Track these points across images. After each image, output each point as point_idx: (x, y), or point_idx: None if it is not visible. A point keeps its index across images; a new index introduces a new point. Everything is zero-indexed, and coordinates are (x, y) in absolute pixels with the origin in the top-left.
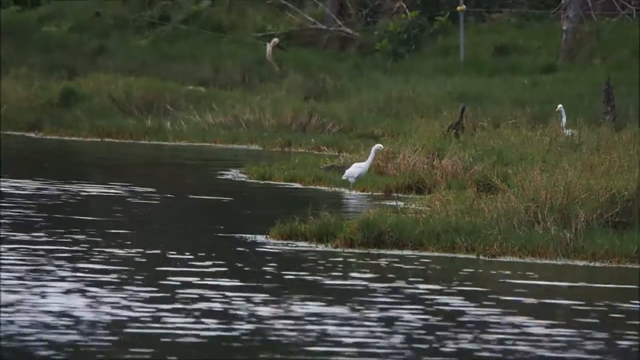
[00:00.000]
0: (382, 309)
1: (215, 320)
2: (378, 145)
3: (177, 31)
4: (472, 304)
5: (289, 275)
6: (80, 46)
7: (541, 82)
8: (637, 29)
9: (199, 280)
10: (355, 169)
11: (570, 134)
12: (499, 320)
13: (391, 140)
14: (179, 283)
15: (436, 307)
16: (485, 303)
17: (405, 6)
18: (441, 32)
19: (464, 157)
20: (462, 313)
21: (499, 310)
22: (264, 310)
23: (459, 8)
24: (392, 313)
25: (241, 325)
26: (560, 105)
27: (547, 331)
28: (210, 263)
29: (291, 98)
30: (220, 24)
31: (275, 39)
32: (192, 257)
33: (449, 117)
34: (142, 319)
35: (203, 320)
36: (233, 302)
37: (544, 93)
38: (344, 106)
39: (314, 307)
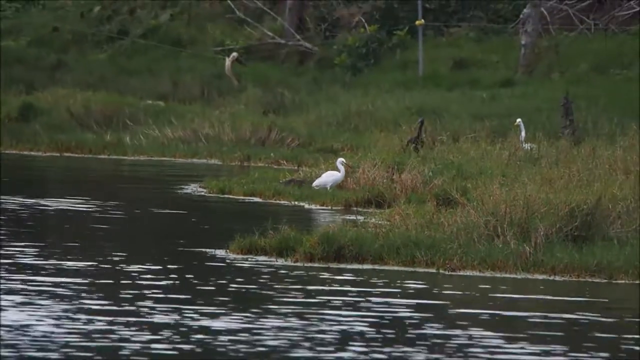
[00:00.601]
0: (338, 323)
1: (166, 333)
2: (341, 159)
3: (135, 46)
4: (429, 317)
5: (246, 288)
6: (39, 61)
7: (500, 96)
8: (595, 43)
9: (154, 294)
10: (329, 178)
11: (529, 148)
12: (456, 333)
13: (350, 155)
14: (132, 296)
15: (393, 319)
16: (442, 316)
17: (364, 20)
18: (400, 47)
19: (423, 171)
20: (419, 326)
21: (456, 323)
22: (216, 324)
23: (417, 22)
24: (348, 326)
25: (192, 338)
26: (519, 119)
27: (504, 343)
28: (166, 277)
29: (250, 112)
30: (179, 38)
31: (234, 54)
32: (149, 271)
33: (408, 131)
34: (92, 331)
35: (154, 333)
36: (186, 315)
37: (503, 107)
38: (303, 120)
39: (266, 320)
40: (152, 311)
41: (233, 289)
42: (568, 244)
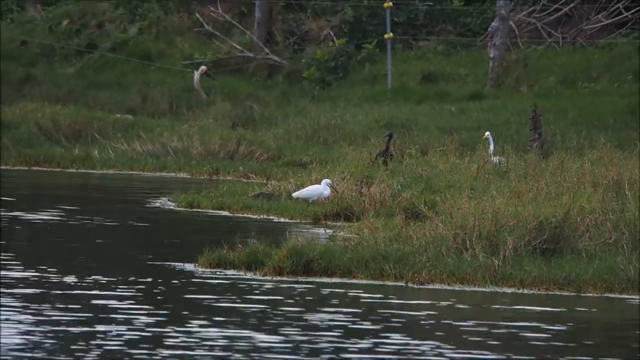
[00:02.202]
0: (306, 336)
1: (132, 347)
2: (327, 180)
3: (104, 59)
4: (396, 331)
5: (214, 302)
6: (7, 75)
7: (468, 110)
8: (564, 56)
9: (119, 306)
10: (314, 192)
11: (497, 161)
12: (422, 347)
13: (319, 168)
14: (97, 309)
15: (358, 332)
16: (408, 329)
17: (332, 34)
18: (368, 60)
19: (392, 184)
20: (384, 339)
21: (422, 336)
22: (181, 336)
23: (386, 36)
24: (314, 339)
25: (156, 351)
26: (487, 132)
27: (469, 356)
28: (134, 290)
29: (219, 126)
30: (148, 52)
31: (203, 67)
32: (115, 284)
33: (376, 144)
34: (48, 343)
35: (121, 346)
36: (149, 328)
37: (472, 120)
38: (272, 134)
39: (228, 332)
40: (119, 325)
41: (201, 303)
42: (536, 257)
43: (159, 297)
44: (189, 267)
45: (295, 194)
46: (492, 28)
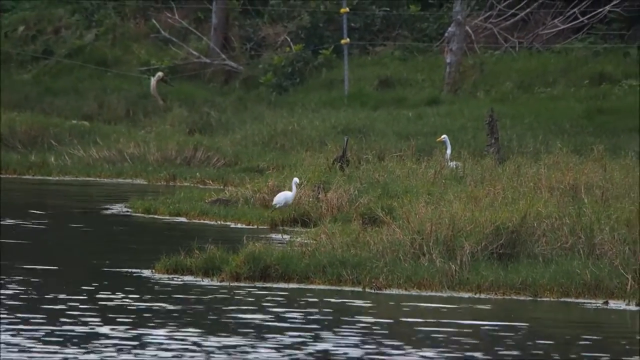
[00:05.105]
0: (262, 340)
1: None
2: (295, 179)
3: (60, 66)
4: (349, 336)
5: (170, 308)
6: None
7: (425, 115)
8: (520, 61)
9: (75, 313)
10: (282, 197)
11: (454, 166)
12: (376, 350)
13: (276, 174)
14: (47, 315)
15: (313, 338)
16: (360, 333)
17: (289, 40)
18: (325, 66)
19: (349, 190)
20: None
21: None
22: (135, 342)
23: (342, 41)
24: (268, 343)
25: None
26: (444, 135)
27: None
28: (89, 296)
29: (176, 132)
30: (104, 58)
31: (160, 73)
32: (71, 290)
33: (333, 150)
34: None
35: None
36: (107, 334)
37: (429, 126)
38: (229, 140)
39: (184, 337)
40: (73, 332)
41: (157, 308)
42: (494, 262)
43: (114, 303)
44: (146, 273)
45: (274, 203)
46: (448, 33)
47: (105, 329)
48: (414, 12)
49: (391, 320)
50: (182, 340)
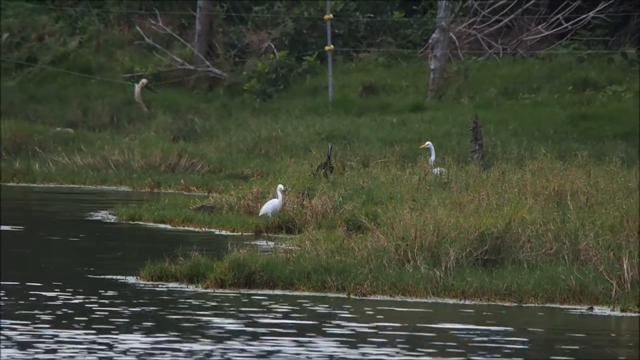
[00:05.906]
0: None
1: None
2: (280, 186)
3: (44, 73)
4: (332, 342)
5: (155, 315)
6: None
7: (410, 121)
8: (504, 67)
9: (60, 320)
10: (270, 206)
11: (439, 172)
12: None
13: (261, 180)
14: (30, 321)
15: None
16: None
17: (273, 46)
18: (309, 72)
19: (333, 196)
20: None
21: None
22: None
23: (326, 48)
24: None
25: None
26: (428, 142)
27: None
28: (74, 303)
29: (160, 139)
30: (89, 65)
31: (144, 80)
32: (56, 297)
33: (318, 156)
34: None
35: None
36: (91, 340)
37: (413, 132)
38: (213, 146)
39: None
40: (58, 338)
41: (143, 315)
42: (478, 268)
43: (99, 310)
44: (131, 279)
45: (260, 214)
46: (432, 39)
47: (89, 336)
48: (398, 19)
49: (374, 326)
50: (163, 347)
